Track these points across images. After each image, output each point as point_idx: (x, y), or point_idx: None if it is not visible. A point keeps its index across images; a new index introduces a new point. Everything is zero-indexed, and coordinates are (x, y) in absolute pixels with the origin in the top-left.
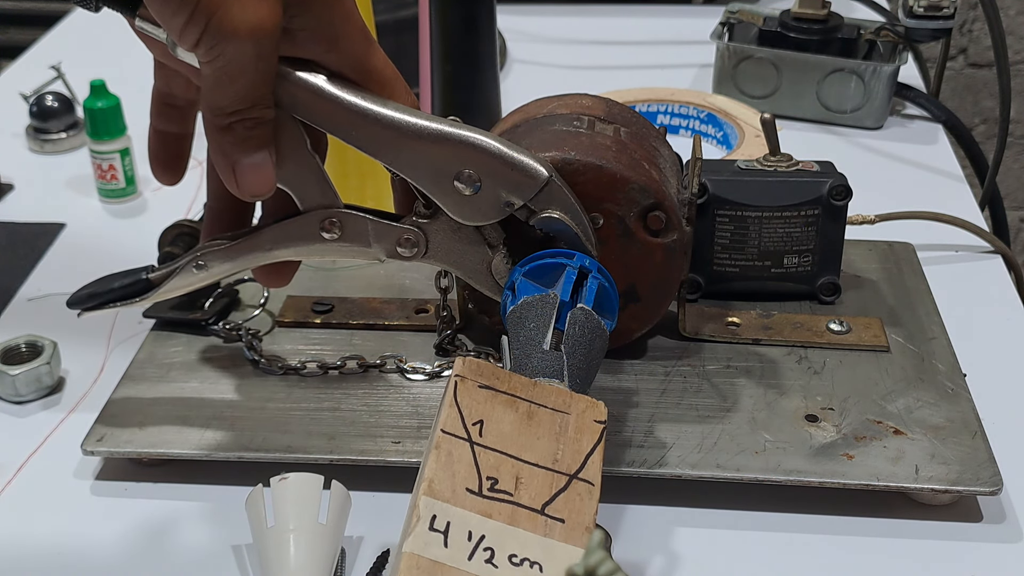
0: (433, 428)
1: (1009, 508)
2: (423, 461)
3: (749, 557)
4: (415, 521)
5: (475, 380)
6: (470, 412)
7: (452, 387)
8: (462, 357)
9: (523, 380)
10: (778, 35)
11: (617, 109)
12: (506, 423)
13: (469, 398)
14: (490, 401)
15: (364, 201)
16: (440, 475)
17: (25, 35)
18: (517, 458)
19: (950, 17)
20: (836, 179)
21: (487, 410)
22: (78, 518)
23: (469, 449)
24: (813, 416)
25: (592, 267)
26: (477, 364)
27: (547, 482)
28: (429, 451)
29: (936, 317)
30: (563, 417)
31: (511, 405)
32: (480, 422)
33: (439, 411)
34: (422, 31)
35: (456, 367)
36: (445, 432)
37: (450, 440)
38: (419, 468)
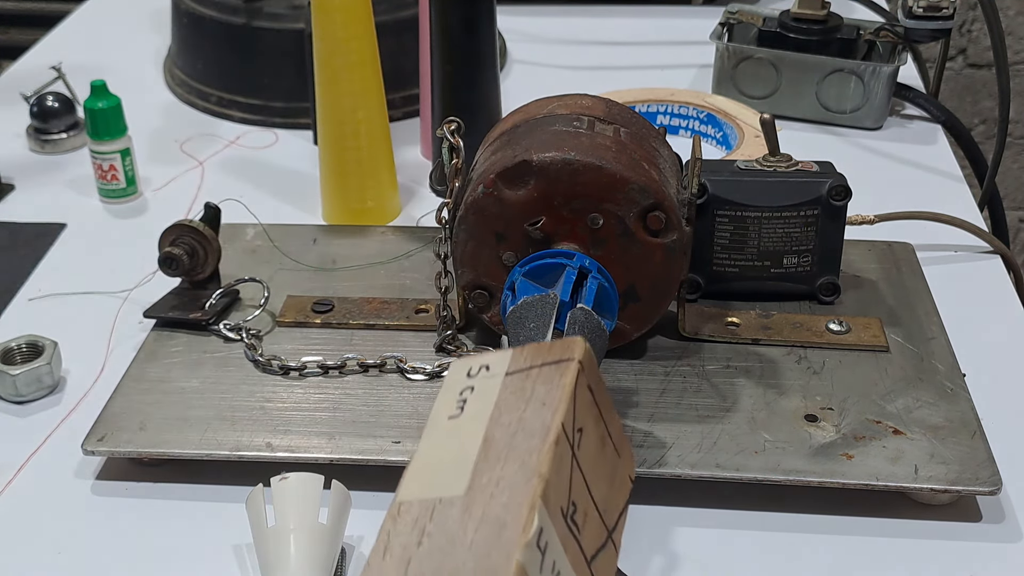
0: (521, 395)
1: (1008, 508)
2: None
3: (749, 557)
4: (528, 525)
5: (588, 376)
6: (580, 414)
7: (574, 374)
8: (582, 340)
9: (609, 398)
10: (778, 35)
11: (617, 109)
12: (591, 444)
13: (580, 397)
14: (589, 409)
15: (364, 203)
16: (552, 480)
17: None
18: (589, 490)
19: (949, 18)
20: (835, 179)
21: (585, 419)
22: (78, 518)
23: (571, 460)
24: (813, 416)
25: (592, 267)
26: (591, 357)
27: (598, 531)
28: (543, 440)
29: (935, 317)
30: (616, 460)
31: (597, 424)
32: (581, 431)
33: (533, 380)
34: (422, 31)
35: (577, 349)
36: (563, 430)
37: (564, 441)
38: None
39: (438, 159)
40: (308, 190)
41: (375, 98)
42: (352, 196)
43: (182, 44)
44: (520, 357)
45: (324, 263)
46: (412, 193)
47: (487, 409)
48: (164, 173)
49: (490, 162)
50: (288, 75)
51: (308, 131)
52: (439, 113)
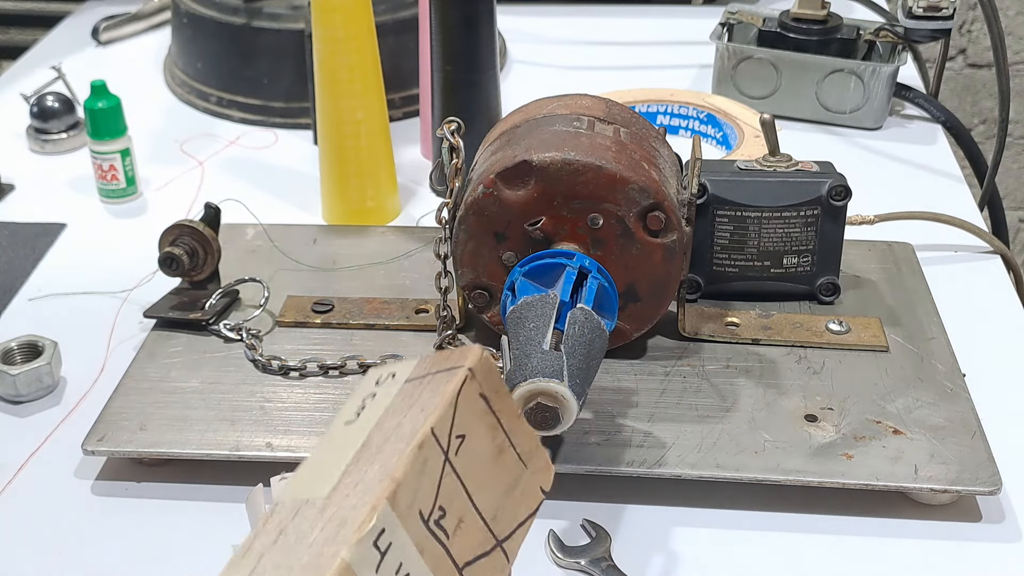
0: (409, 400)
1: (1008, 508)
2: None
3: (749, 557)
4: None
5: (481, 384)
6: (461, 421)
7: (459, 381)
8: (481, 348)
9: (512, 405)
10: (777, 36)
11: (617, 109)
12: (481, 451)
13: (466, 405)
14: (480, 417)
15: (364, 203)
16: (408, 483)
17: (26, 35)
18: (471, 497)
19: (949, 18)
20: (835, 179)
21: (472, 426)
22: (78, 518)
23: (441, 465)
24: (812, 416)
25: (592, 267)
26: (489, 364)
27: (479, 538)
28: (408, 444)
29: (935, 317)
30: (521, 470)
31: (492, 431)
32: (462, 437)
33: (424, 387)
34: (422, 31)
35: (470, 357)
36: (433, 435)
37: (432, 445)
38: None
39: (438, 159)
40: (308, 190)
41: (375, 98)
42: (352, 196)
43: (182, 44)
44: (422, 365)
45: (324, 263)
46: (412, 193)
47: (377, 415)
48: (164, 173)
49: (490, 162)
50: (288, 75)
51: (308, 131)
52: (439, 113)
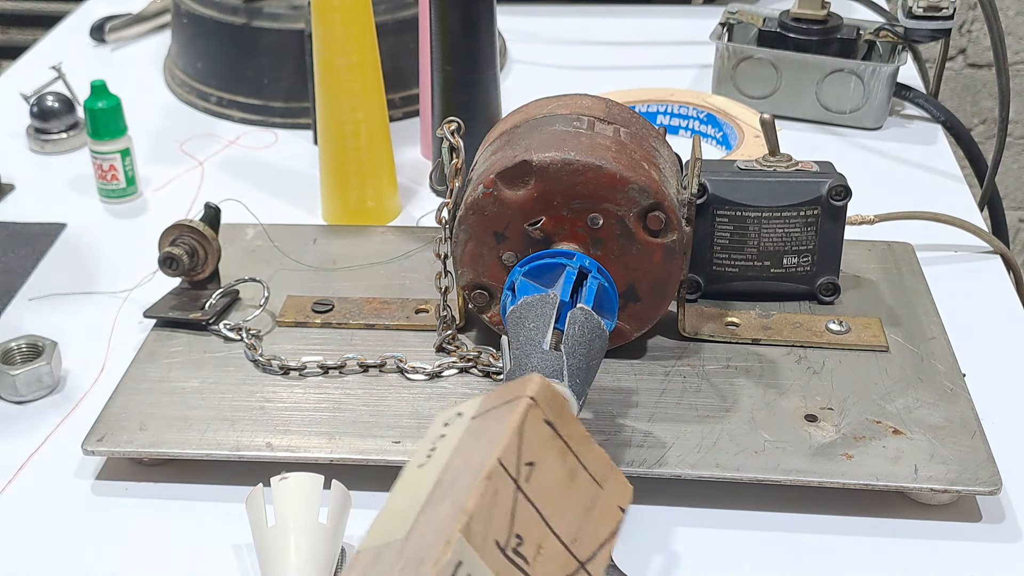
0: (476, 436)
1: (1008, 508)
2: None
3: (749, 557)
4: (440, 558)
5: (545, 411)
6: (528, 448)
7: (523, 410)
8: (541, 377)
9: (580, 430)
10: (777, 36)
11: (617, 109)
12: (552, 476)
13: (532, 432)
14: (547, 443)
15: (364, 202)
16: (481, 515)
17: (25, 35)
18: (547, 522)
19: (949, 18)
20: (835, 179)
21: (542, 453)
22: (78, 518)
23: (513, 494)
24: (812, 416)
25: (592, 267)
26: (552, 391)
27: (560, 561)
28: (476, 477)
29: (935, 317)
30: (596, 490)
31: (562, 456)
32: (532, 464)
33: (489, 420)
34: (422, 31)
35: (531, 387)
36: (501, 465)
37: (501, 475)
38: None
39: (438, 159)
40: (308, 190)
41: (375, 98)
42: (352, 196)
43: (182, 44)
44: (487, 400)
45: (324, 263)
46: (412, 193)
47: (447, 455)
48: (164, 173)
49: (490, 162)
50: (288, 75)
51: (308, 131)
52: (439, 113)
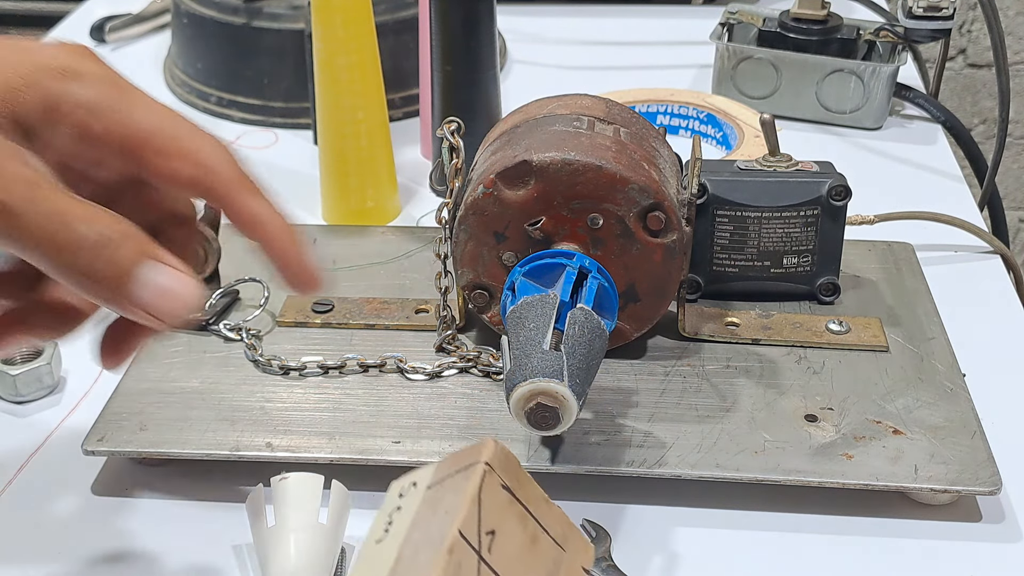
0: (433, 506)
1: (1008, 508)
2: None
3: (749, 557)
4: None
5: (501, 476)
6: (488, 516)
7: (479, 477)
8: (495, 441)
9: (537, 491)
10: (777, 36)
11: (617, 109)
12: (513, 544)
13: (490, 499)
14: (506, 509)
15: (364, 203)
16: None
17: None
18: None
19: (949, 18)
20: (835, 179)
21: (501, 520)
22: (78, 518)
23: (476, 565)
24: (812, 416)
25: (592, 267)
26: (506, 455)
27: None
28: (434, 548)
29: (935, 317)
30: (559, 553)
31: (522, 521)
32: (492, 533)
33: (445, 490)
34: (422, 31)
35: (485, 452)
36: (462, 536)
37: (463, 547)
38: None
39: (438, 159)
40: (308, 190)
41: (375, 98)
42: (352, 196)
43: (182, 44)
44: (441, 468)
45: (324, 263)
46: (412, 193)
47: (404, 528)
48: None
49: (490, 162)
50: (288, 75)
51: (308, 131)
52: (439, 113)
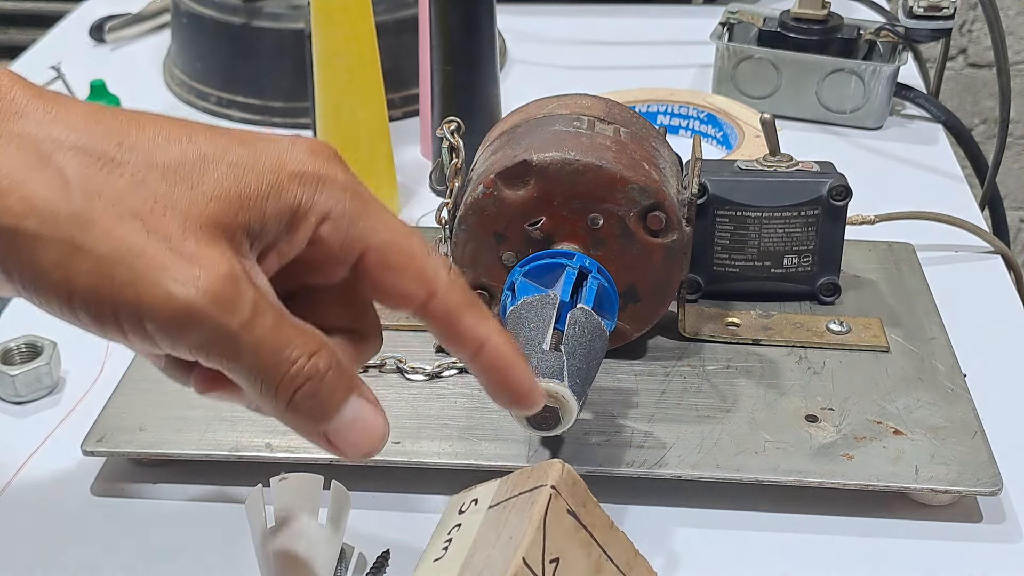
0: (496, 529)
1: (1009, 508)
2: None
3: (749, 557)
4: None
5: (567, 501)
6: (552, 543)
7: (545, 502)
8: (562, 463)
9: (604, 517)
10: (778, 35)
11: (617, 109)
12: (577, 571)
13: (556, 525)
14: (572, 535)
15: None
16: None
17: (25, 35)
18: None
19: (950, 17)
20: (836, 179)
21: (566, 546)
22: (78, 518)
23: None
24: (813, 416)
25: (592, 267)
26: (573, 478)
27: None
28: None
29: (936, 317)
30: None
31: (586, 548)
32: (557, 560)
33: (509, 512)
34: (422, 31)
35: (552, 474)
36: (526, 564)
37: (525, 573)
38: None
39: (438, 159)
40: None
41: (375, 98)
42: None
43: (182, 44)
44: (504, 487)
45: None
46: (412, 193)
47: (465, 548)
48: None
49: (490, 162)
50: (288, 75)
51: (308, 131)
52: (439, 113)
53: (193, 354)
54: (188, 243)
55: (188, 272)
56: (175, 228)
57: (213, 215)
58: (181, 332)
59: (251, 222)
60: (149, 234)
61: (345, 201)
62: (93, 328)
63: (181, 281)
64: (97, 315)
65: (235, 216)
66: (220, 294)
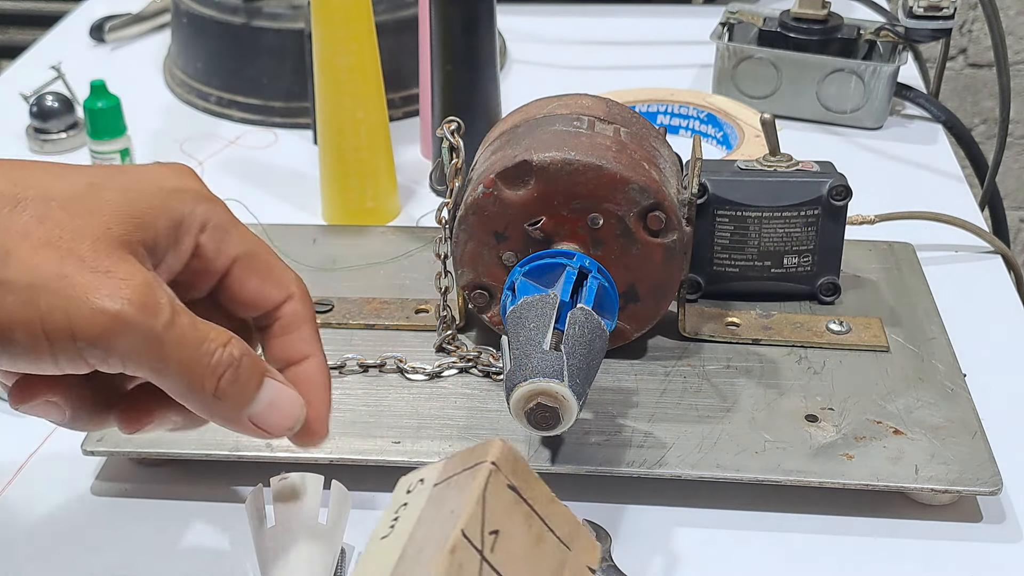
0: (438, 504)
1: (1009, 508)
2: (417, 549)
3: (749, 557)
4: None
5: (508, 476)
6: (492, 516)
7: (484, 477)
8: (502, 440)
9: (544, 491)
10: (778, 35)
11: (617, 109)
12: (518, 543)
13: (496, 498)
14: (512, 509)
15: (364, 203)
16: None
17: (25, 35)
18: None
19: (950, 17)
20: (836, 179)
21: (506, 519)
22: (78, 518)
23: (478, 565)
24: (813, 416)
25: (592, 267)
26: (514, 455)
27: None
28: (438, 547)
29: (936, 317)
30: (564, 553)
31: (527, 521)
32: (496, 533)
33: (451, 489)
34: (422, 31)
35: (492, 451)
36: (465, 536)
37: (465, 548)
38: (394, 525)
39: (438, 159)
40: (308, 190)
41: (375, 98)
42: (352, 196)
43: (182, 44)
44: (449, 466)
45: (324, 263)
46: (412, 193)
47: (411, 526)
48: None
49: (490, 162)
50: (288, 75)
51: (308, 131)
52: (439, 113)
53: (124, 363)
54: (102, 261)
55: (111, 286)
56: (87, 250)
57: (117, 236)
58: (111, 343)
59: (147, 238)
60: (64, 259)
61: (217, 213)
62: (24, 358)
63: (107, 295)
64: (32, 345)
65: (134, 234)
66: (143, 301)
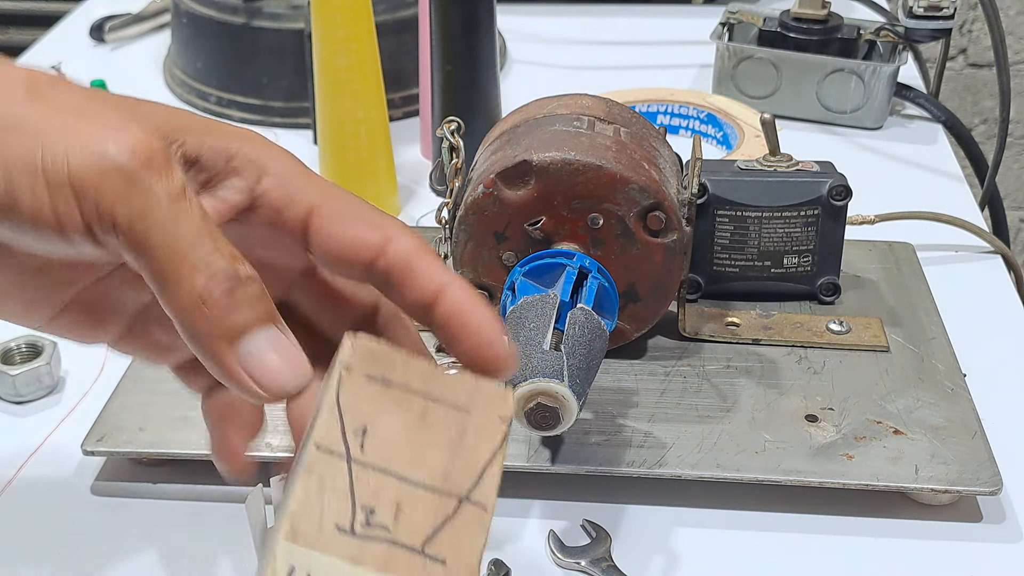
0: (304, 439)
1: (1009, 508)
2: (289, 485)
3: (749, 557)
4: (272, 565)
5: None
6: (353, 416)
7: (335, 384)
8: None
9: (423, 366)
10: (778, 35)
11: (617, 109)
12: (394, 429)
13: (354, 396)
14: (380, 399)
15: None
16: (306, 511)
17: (25, 35)
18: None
19: (950, 17)
20: (836, 179)
21: (374, 412)
22: (78, 518)
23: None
24: (813, 416)
25: (592, 267)
26: (371, 349)
27: (432, 508)
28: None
29: (936, 317)
30: (462, 417)
31: (403, 404)
32: (364, 429)
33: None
34: (422, 31)
35: (343, 353)
36: (319, 448)
37: (324, 459)
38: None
39: (438, 159)
40: None
41: (375, 98)
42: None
43: (182, 44)
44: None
45: None
46: (412, 193)
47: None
48: None
49: (490, 162)
50: (288, 75)
51: (308, 131)
52: (439, 113)
53: (115, 226)
54: (126, 124)
55: (120, 138)
56: (113, 118)
57: (153, 124)
58: (103, 192)
59: (189, 145)
60: (86, 119)
61: (283, 161)
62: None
63: (112, 143)
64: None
65: (172, 134)
66: (152, 159)
